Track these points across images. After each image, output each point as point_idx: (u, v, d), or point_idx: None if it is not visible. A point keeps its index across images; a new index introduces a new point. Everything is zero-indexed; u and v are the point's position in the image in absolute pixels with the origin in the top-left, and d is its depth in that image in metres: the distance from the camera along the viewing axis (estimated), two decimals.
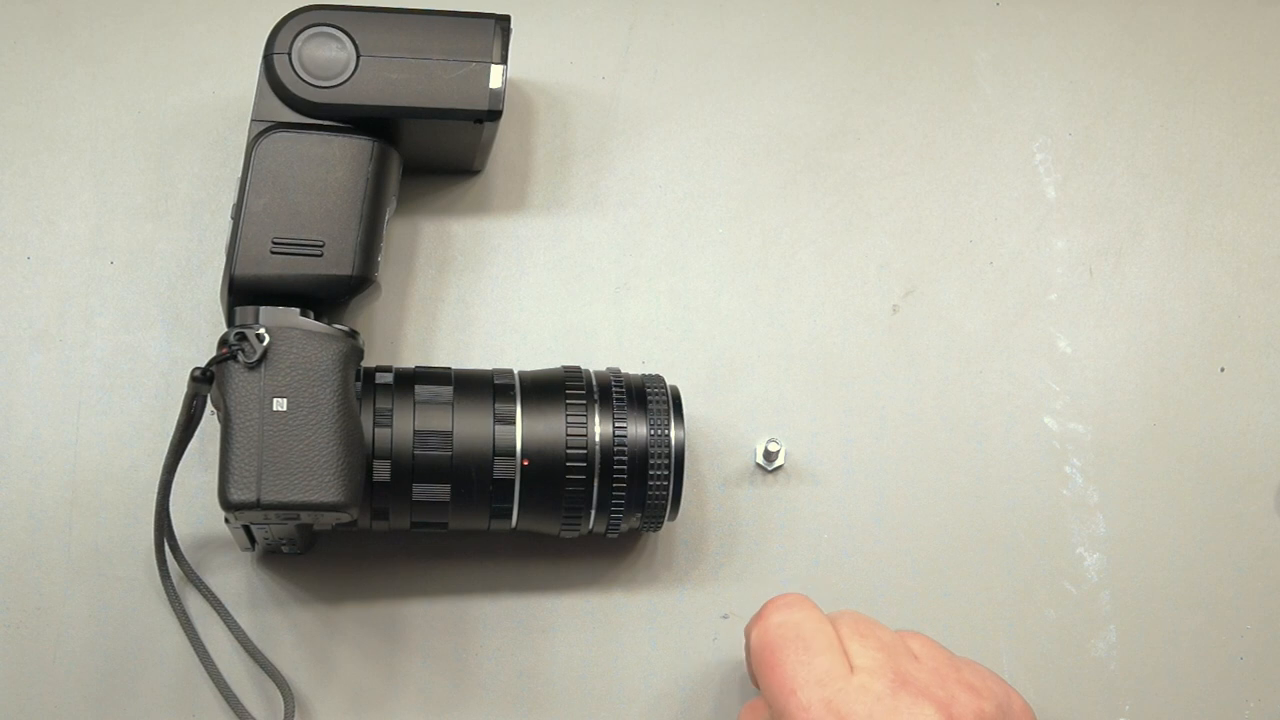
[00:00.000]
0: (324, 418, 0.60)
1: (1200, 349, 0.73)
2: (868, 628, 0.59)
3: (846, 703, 0.55)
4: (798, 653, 0.58)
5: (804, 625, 0.59)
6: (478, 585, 0.68)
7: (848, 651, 0.58)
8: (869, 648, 0.58)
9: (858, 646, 0.58)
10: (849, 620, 0.59)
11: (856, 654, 0.58)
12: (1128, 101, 0.76)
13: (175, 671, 0.66)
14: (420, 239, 0.71)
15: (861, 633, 0.59)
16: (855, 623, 0.59)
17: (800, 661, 0.57)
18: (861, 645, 0.58)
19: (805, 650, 0.58)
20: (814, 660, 0.57)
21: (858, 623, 0.59)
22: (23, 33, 0.72)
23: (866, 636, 0.58)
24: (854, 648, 0.58)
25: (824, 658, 0.57)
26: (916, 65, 0.76)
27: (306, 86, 0.63)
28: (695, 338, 0.72)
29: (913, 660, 0.58)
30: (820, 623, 0.59)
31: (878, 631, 0.59)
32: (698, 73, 0.75)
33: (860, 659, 0.57)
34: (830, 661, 0.57)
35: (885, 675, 0.56)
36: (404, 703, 0.67)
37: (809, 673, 0.57)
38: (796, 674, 0.57)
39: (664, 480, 0.63)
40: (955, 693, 0.57)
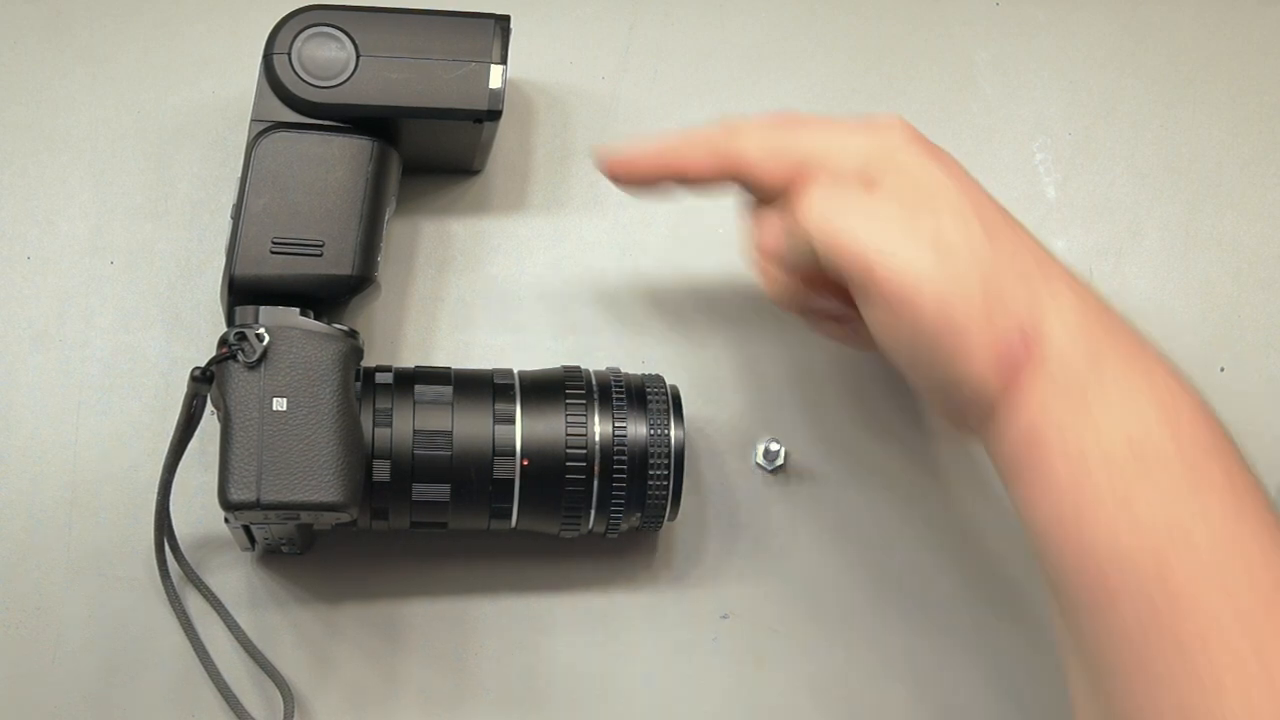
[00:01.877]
0: (324, 417, 0.60)
1: (1200, 349, 0.73)
2: None
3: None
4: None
5: None
6: (478, 585, 0.68)
7: None
8: None
9: None
10: None
11: None
12: (1128, 101, 0.76)
13: (175, 671, 0.66)
14: (420, 239, 0.71)
15: None
16: None
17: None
18: None
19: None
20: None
21: None
22: (23, 33, 0.72)
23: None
24: None
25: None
26: (916, 65, 0.76)
27: (306, 86, 0.63)
28: (695, 338, 0.72)
29: None
30: None
31: None
32: (698, 73, 0.75)
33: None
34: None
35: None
36: (404, 703, 0.67)
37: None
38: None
39: (664, 480, 0.63)
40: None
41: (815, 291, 0.61)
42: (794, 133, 0.60)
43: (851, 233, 0.55)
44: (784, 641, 0.69)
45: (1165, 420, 0.54)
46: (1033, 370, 0.54)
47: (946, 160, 0.58)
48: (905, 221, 0.55)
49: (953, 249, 0.54)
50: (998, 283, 0.54)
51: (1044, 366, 0.54)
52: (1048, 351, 0.54)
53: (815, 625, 0.69)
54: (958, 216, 0.55)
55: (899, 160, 0.57)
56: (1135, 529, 0.52)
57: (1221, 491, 0.53)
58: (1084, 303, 0.56)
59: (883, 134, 0.58)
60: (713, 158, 0.61)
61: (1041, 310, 0.55)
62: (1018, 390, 0.54)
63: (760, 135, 0.60)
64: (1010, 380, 0.54)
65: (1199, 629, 0.51)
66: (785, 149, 0.59)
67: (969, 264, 0.54)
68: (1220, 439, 0.55)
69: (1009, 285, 0.55)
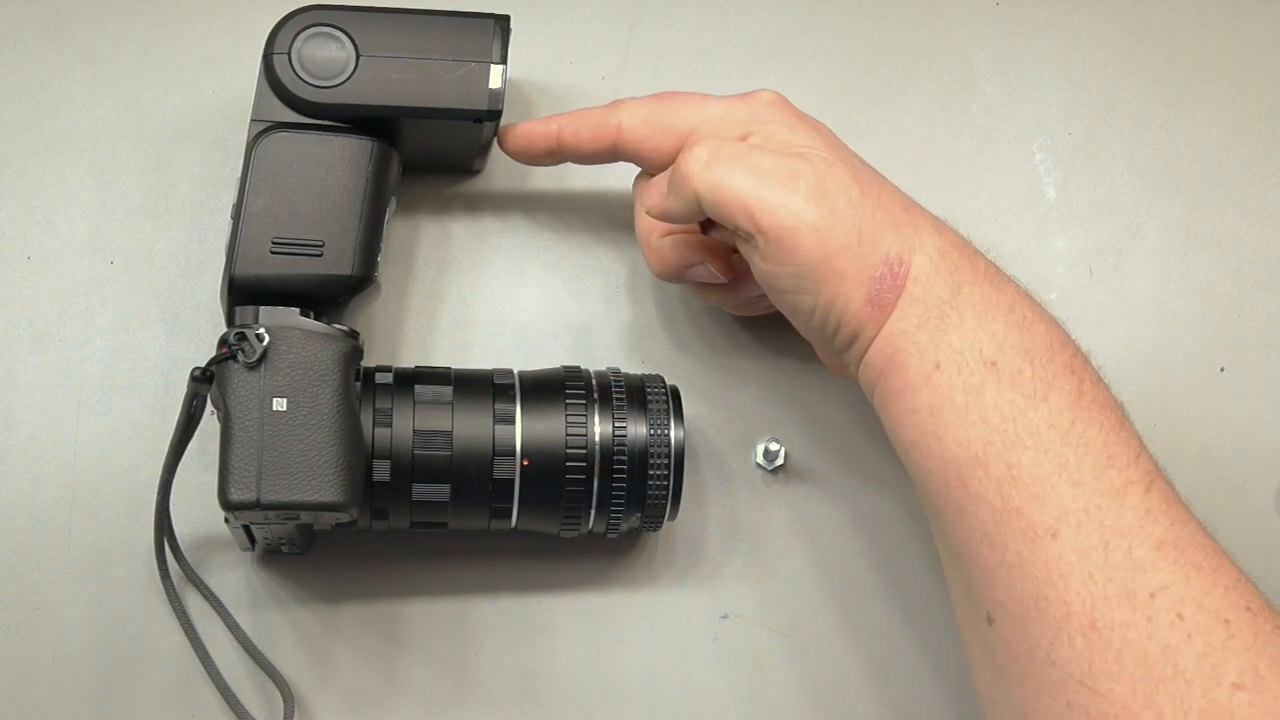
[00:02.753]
0: (324, 417, 0.60)
1: (1200, 349, 0.73)
2: None
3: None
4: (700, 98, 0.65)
5: None
6: (478, 585, 0.68)
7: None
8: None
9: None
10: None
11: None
12: (1128, 101, 0.76)
13: (175, 671, 0.66)
14: (420, 239, 0.71)
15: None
16: None
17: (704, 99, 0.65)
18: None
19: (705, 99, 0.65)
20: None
21: None
22: (23, 33, 0.72)
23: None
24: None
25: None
26: (916, 65, 0.76)
27: (306, 86, 0.63)
28: (695, 338, 0.72)
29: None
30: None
31: None
32: (698, 73, 0.75)
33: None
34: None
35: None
36: (404, 703, 0.67)
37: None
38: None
39: (664, 480, 0.63)
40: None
41: (695, 258, 0.66)
42: (672, 106, 0.65)
43: (734, 182, 0.60)
44: (784, 641, 0.69)
45: (1019, 340, 0.59)
46: (899, 301, 0.59)
47: (814, 123, 0.64)
48: (783, 172, 0.60)
49: (828, 195, 0.59)
50: (870, 224, 0.59)
51: (908, 295, 0.59)
52: (912, 283, 0.59)
53: (815, 625, 0.69)
54: (830, 167, 0.60)
55: (772, 125, 0.63)
56: (987, 434, 0.57)
57: (1071, 398, 0.58)
58: (947, 242, 0.61)
59: (755, 103, 0.64)
60: (596, 131, 0.66)
61: (909, 248, 0.59)
62: (885, 318, 0.59)
63: (639, 110, 0.65)
64: (880, 311, 0.59)
65: (1050, 521, 0.56)
66: (664, 123, 0.65)
67: (843, 208, 0.59)
68: (1074, 359, 0.59)
69: (879, 226, 0.59)
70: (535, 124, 0.67)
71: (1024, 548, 0.56)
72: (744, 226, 0.60)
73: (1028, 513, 0.56)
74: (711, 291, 0.68)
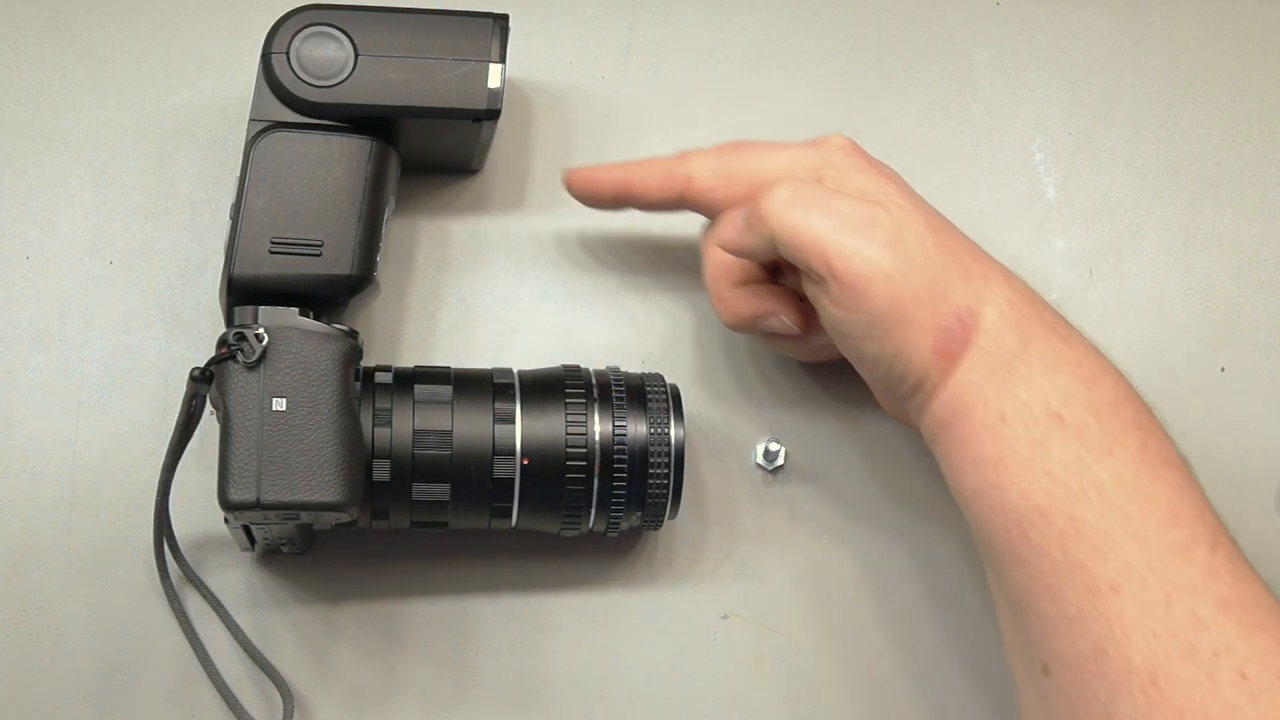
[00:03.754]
0: (323, 417, 0.60)
1: (1200, 349, 0.73)
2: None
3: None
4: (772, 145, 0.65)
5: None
6: (478, 585, 0.68)
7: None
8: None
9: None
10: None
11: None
12: (1128, 101, 0.76)
13: (175, 671, 0.66)
14: (419, 238, 0.71)
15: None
16: None
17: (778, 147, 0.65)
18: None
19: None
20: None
21: None
22: (23, 33, 0.72)
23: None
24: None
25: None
26: (916, 65, 0.76)
27: (305, 86, 0.63)
28: (695, 338, 0.72)
29: None
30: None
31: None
32: (698, 73, 0.75)
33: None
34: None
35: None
36: (404, 703, 0.67)
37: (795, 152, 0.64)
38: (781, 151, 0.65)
39: (664, 478, 0.63)
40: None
41: (767, 309, 0.66)
42: (740, 156, 0.65)
43: (812, 224, 0.60)
44: (784, 641, 0.69)
45: (1086, 394, 0.59)
46: (967, 351, 0.59)
47: (887, 170, 0.64)
48: (861, 218, 0.60)
49: (904, 243, 0.59)
50: (943, 274, 0.59)
51: (976, 345, 0.59)
52: (981, 334, 0.59)
53: (815, 625, 0.69)
54: (907, 215, 0.60)
55: (846, 171, 0.63)
56: (1051, 486, 0.57)
57: (1137, 454, 0.58)
58: (1017, 294, 0.61)
59: (826, 149, 0.64)
60: (664, 181, 0.66)
61: (979, 299, 0.60)
62: (953, 369, 0.59)
63: (708, 161, 0.65)
64: (948, 361, 0.59)
65: (1113, 576, 0.55)
66: (733, 172, 0.65)
67: (918, 257, 0.59)
68: (1140, 413, 0.60)
69: (952, 276, 0.60)
70: (602, 170, 0.67)
71: (1085, 602, 0.55)
72: (818, 270, 0.60)
73: (1090, 567, 0.55)
74: (781, 340, 0.68)
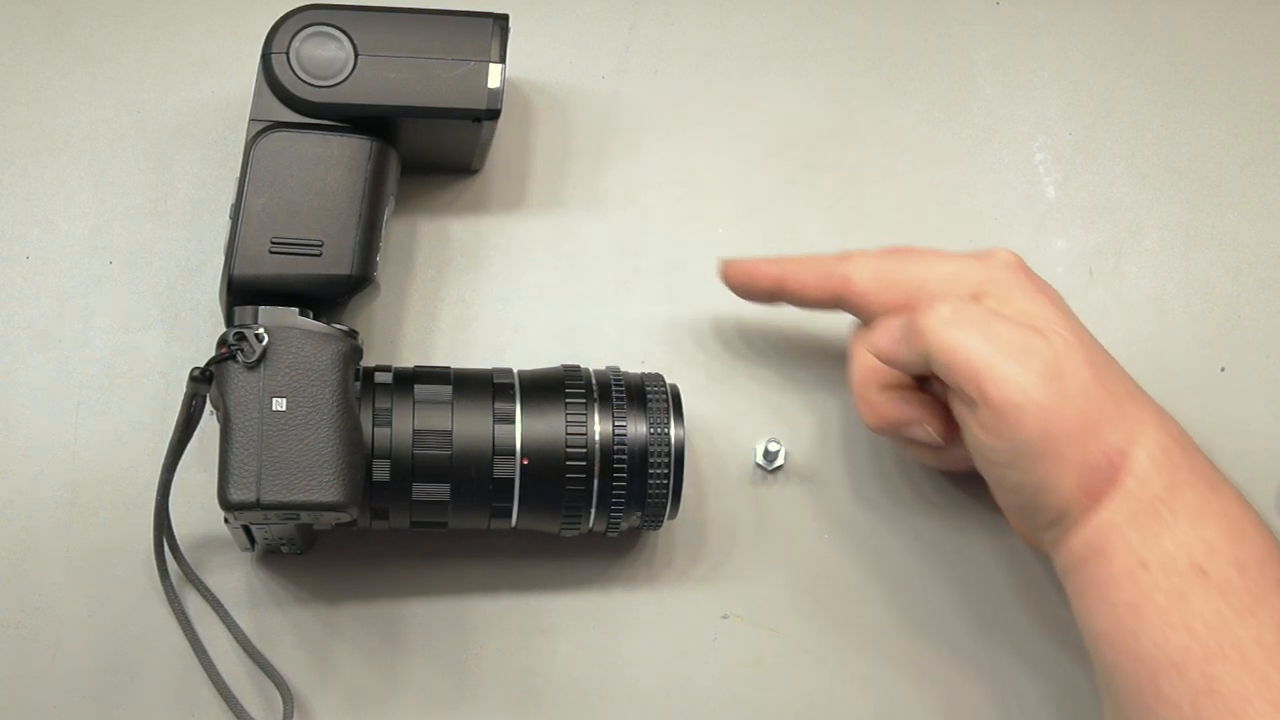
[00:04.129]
0: (323, 417, 0.60)
1: (1200, 349, 0.73)
2: None
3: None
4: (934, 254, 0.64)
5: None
6: (478, 585, 0.68)
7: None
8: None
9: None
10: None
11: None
12: (1128, 101, 0.76)
13: (175, 671, 0.66)
14: (419, 238, 0.71)
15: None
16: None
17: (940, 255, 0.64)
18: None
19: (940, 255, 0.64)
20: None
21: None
22: (23, 33, 0.72)
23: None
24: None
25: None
26: (916, 65, 0.76)
27: (305, 86, 0.63)
28: (695, 338, 0.72)
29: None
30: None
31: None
32: (698, 73, 0.75)
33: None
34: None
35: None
36: (404, 703, 0.67)
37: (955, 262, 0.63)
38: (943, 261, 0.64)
39: (664, 478, 0.63)
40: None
41: (913, 416, 0.64)
42: (903, 262, 0.64)
43: (969, 346, 0.59)
44: (784, 641, 0.69)
45: (1232, 549, 0.57)
46: (1113, 492, 0.58)
47: (1051, 292, 0.63)
48: (1020, 345, 0.59)
49: (1061, 376, 0.58)
50: (1097, 411, 0.58)
51: (1123, 487, 0.58)
52: (1129, 476, 0.58)
53: (815, 625, 0.69)
54: (1067, 347, 0.59)
55: (1009, 290, 0.62)
56: (1188, 640, 0.56)
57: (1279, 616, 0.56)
58: (1169, 437, 0.60)
59: (991, 264, 0.63)
60: (823, 281, 0.65)
61: (1130, 439, 0.58)
62: (1096, 508, 0.58)
63: (869, 264, 0.64)
64: (1093, 500, 0.58)
65: None
66: (894, 278, 0.64)
67: (1073, 392, 0.58)
68: None
69: (1105, 415, 0.58)
70: (760, 263, 0.67)
71: None
72: (970, 393, 0.59)
73: None
74: (920, 448, 0.67)
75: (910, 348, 0.61)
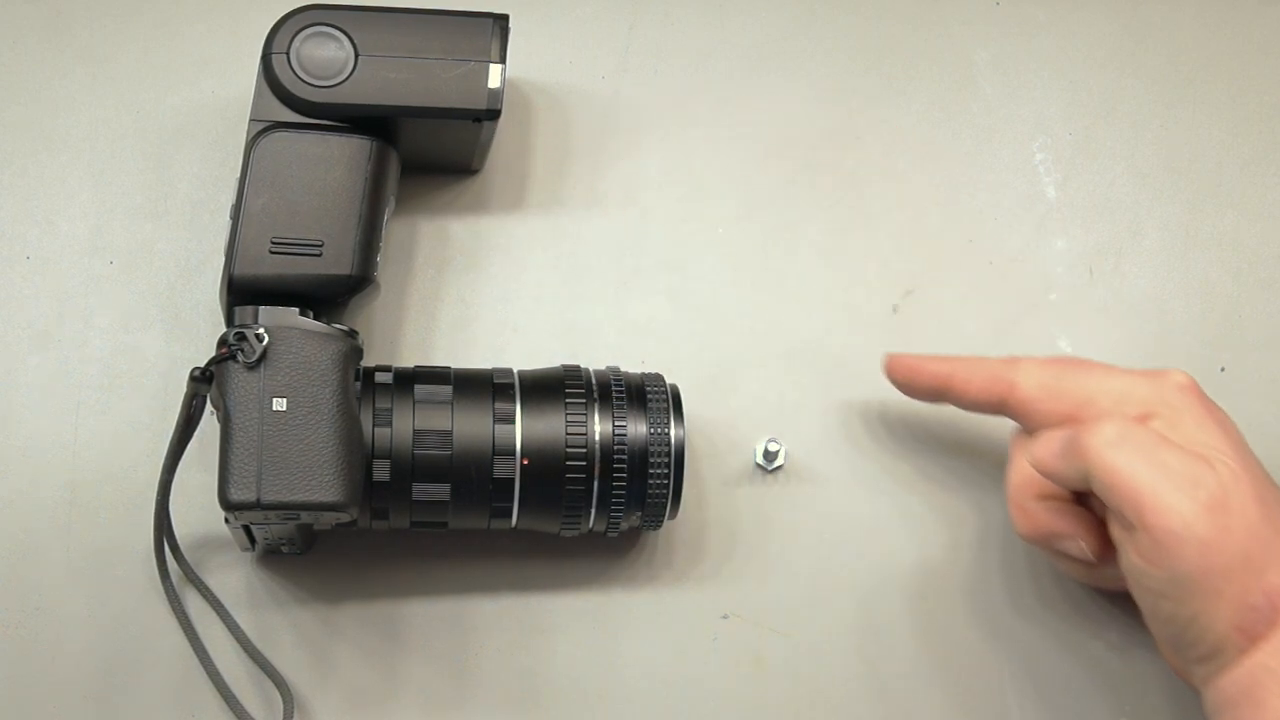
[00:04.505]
0: (324, 417, 0.60)
1: (1200, 349, 0.73)
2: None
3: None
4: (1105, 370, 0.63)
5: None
6: (478, 585, 0.68)
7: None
8: None
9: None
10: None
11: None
12: (1128, 101, 0.76)
13: (175, 671, 0.66)
14: (419, 238, 0.71)
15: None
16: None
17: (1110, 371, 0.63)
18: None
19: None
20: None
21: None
22: (23, 33, 0.72)
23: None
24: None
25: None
26: (916, 65, 0.76)
27: (305, 86, 0.63)
28: (695, 338, 0.72)
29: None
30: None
31: None
32: (698, 73, 0.75)
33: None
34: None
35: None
36: (404, 703, 0.67)
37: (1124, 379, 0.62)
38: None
39: (664, 478, 0.63)
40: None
41: (1068, 530, 0.63)
42: (1074, 374, 0.63)
43: (1133, 470, 0.57)
44: (784, 641, 0.69)
45: None
46: (1271, 634, 0.56)
47: (1223, 419, 0.61)
48: (1186, 474, 0.57)
49: (1226, 509, 0.57)
50: (1260, 549, 0.56)
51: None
52: None
53: (815, 625, 0.69)
54: (1235, 480, 0.57)
55: (1180, 414, 0.60)
56: None
57: None
58: None
59: (1164, 385, 0.62)
60: (989, 384, 0.65)
61: None
62: (1252, 650, 0.57)
63: (1038, 372, 0.64)
64: (1249, 641, 0.57)
65: None
66: (1063, 389, 0.63)
67: (1238, 528, 0.56)
68: None
69: (1270, 554, 0.57)
70: (926, 361, 0.67)
71: None
72: (1129, 517, 0.57)
73: None
74: (1071, 562, 0.65)
75: (1070, 464, 0.60)
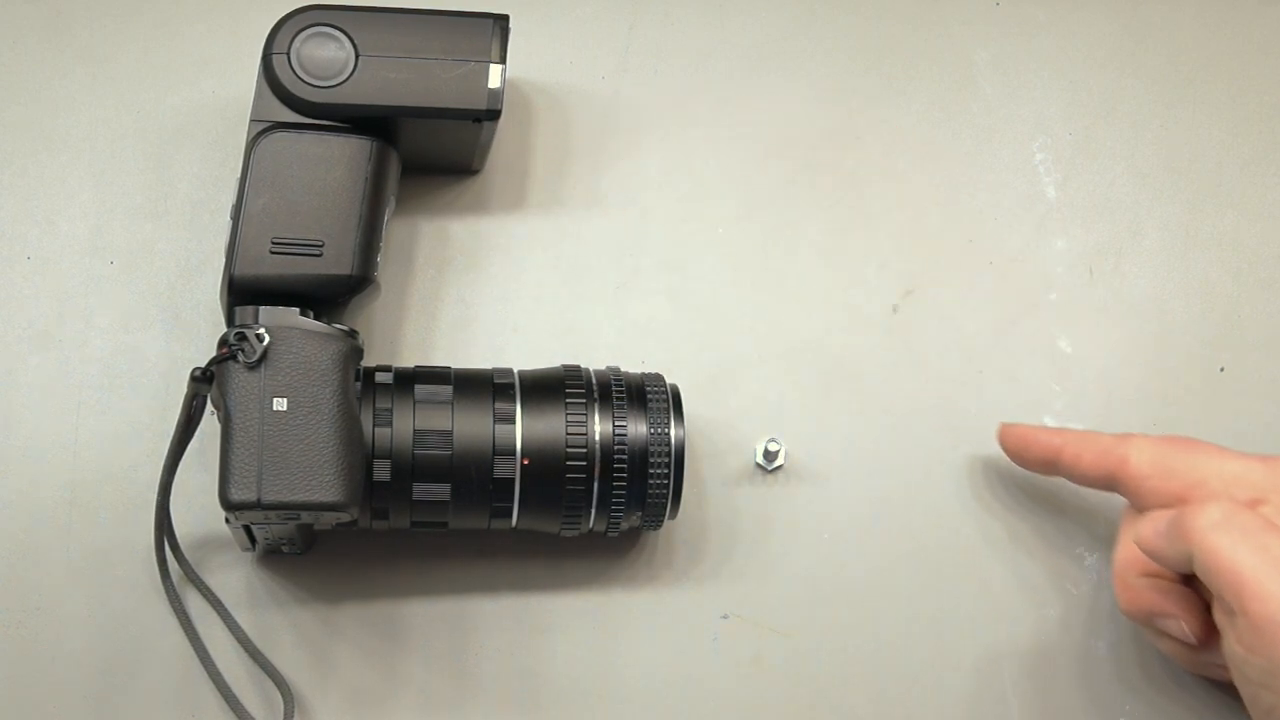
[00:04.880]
0: (324, 417, 0.60)
1: (1200, 349, 0.73)
2: None
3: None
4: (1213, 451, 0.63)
5: None
6: (478, 585, 0.68)
7: None
8: None
9: None
10: None
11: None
12: (1128, 101, 0.76)
13: (175, 671, 0.66)
14: (419, 239, 0.71)
15: None
16: None
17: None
18: None
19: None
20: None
21: None
22: (23, 33, 0.72)
23: None
24: None
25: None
26: (916, 65, 0.76)
27: (305, 86, 0.63)
28: (695, 338, 0.72)
29: None
30: None
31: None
32: (698, 73, 0.75)
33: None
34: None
35: None
36: (404, 703, 0.67)
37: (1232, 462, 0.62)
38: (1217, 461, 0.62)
39: (664, 478, 0.63)
40: None
41: (1170, 610, 0.63)
42: (1186, 453, 0.63)
43: (1236, 555, 0.56)
44: (784, 641, 0.69)
45: None
46: None
47: None
48: None
49: None
50: None
51: None
52: None
53: (815, 625, 0.69)
54: None
55: None
56: None
57: None
58: None
59: (1279, 470, 0.61)
60: (1100, 459, 0.65)
61: None
62: None
63: (1150, 449, 0.64)
64: None
65: None
66: (1174, 467, 0.63)
67: None
68: None
69: None
70: (1040, 432, 0.67)
71: None
72: (1230, 602, 0.57)
73: None
74: (1171, 644, 0.65)
75: (1174, 545, 0.59)
